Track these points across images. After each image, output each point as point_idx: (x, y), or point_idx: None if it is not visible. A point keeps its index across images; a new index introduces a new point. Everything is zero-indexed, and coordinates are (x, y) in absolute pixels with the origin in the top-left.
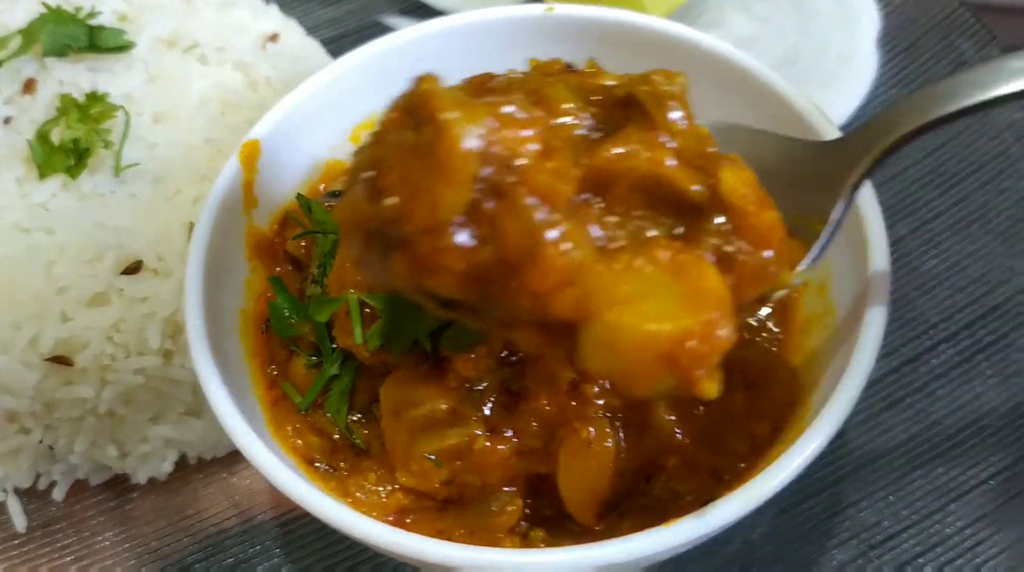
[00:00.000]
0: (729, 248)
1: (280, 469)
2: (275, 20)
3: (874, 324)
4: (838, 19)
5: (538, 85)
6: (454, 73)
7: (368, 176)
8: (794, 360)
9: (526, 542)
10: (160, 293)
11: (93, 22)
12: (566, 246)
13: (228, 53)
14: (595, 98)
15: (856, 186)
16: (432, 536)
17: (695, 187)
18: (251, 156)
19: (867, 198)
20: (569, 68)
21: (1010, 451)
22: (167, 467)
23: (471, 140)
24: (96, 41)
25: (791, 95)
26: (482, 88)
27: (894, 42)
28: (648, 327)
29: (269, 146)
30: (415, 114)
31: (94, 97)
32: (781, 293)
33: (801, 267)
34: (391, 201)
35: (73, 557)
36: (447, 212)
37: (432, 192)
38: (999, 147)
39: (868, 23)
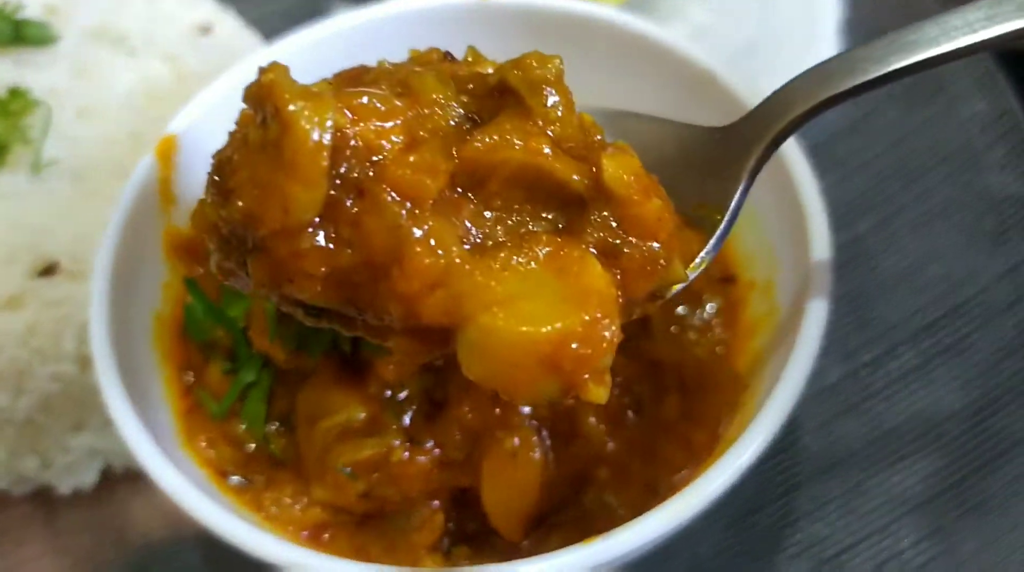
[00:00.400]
0: (614, 241)
1: (182, 486)
2: (209, 11)
3: (813, 323)
4: (799, 9)
5: (406, 75)
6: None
7: (216, 177)
8: (740, 364)
9: (448, 560)
10: (76, 296)
11: (21, 15)
12: (433, 245)
13: (157, 45)
14: (469, 87)
15: (754, 171)
16: (350, 553)
17: (575, 177)
18: (168, 152)
19: (810, 194)
20: (448, 57)
21: (968, 460)
22: (91, 477)
23: (320, 133)
24: (21, 34)
25: (743, 93)
26: (353, 81)
27: (856, 32)
28: (525, 330)
29: (189, 141)
30: (261, 108)
31: (16, 92)
32: (678, 287)
33: (698, 260)
34: (239, 204)
35: None
36: (300, 212)
37: (282, 191)
38: (963, 138)
39: (829, 13)
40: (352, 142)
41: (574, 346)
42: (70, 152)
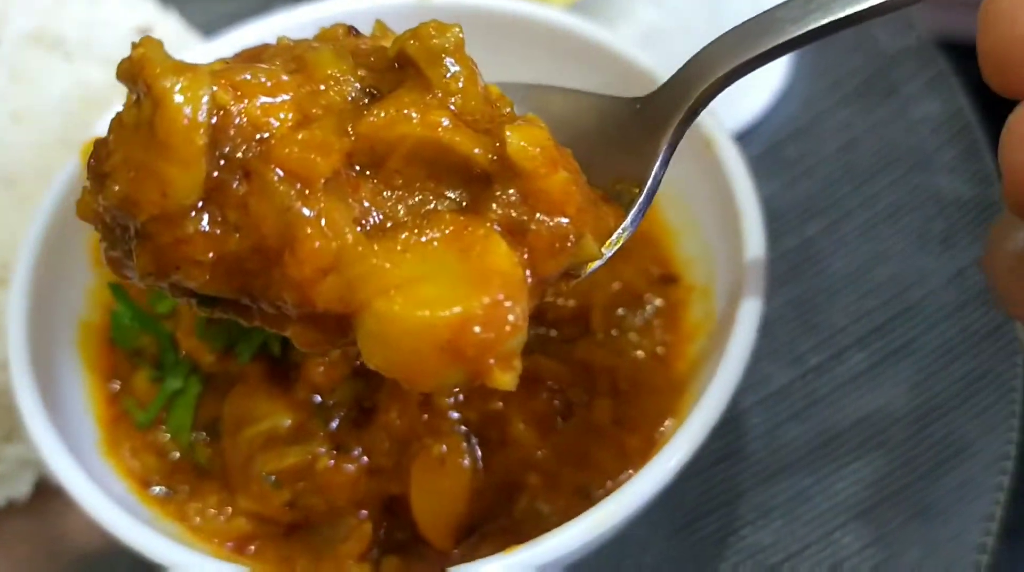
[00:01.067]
0: (520, 217)
1: (95, 497)
2: (150, 13)
3: (745, 327)
4: (748, 11)
5: (303, 51)
6: None
7: (92, 161)
8: (679, 369)
9: (378, 570)
10: (4, 304)
11: None
12: (325, 228)
13: (94, 48)
14: (370, 61)
15: (674, 141)
16: (276, 564)
17: (477, 151)
18: None
19: (745, 198)
20: (352, 31)
21: (912, 466)
22: (25, 488)
23: (195, 110)
24: None
25: None
26: (252, 59)
27: None
28: (421, 314)
29: None
30: (134, 85)
31: None
32: (593, 266)
33: (615, 235)
34: (114, 188)
35: None
36: (179, 196)
37: (158, 173)
38: (914, 141)
39: None
40: (236, 120)
41: (476, 330)
42: (2, 158)
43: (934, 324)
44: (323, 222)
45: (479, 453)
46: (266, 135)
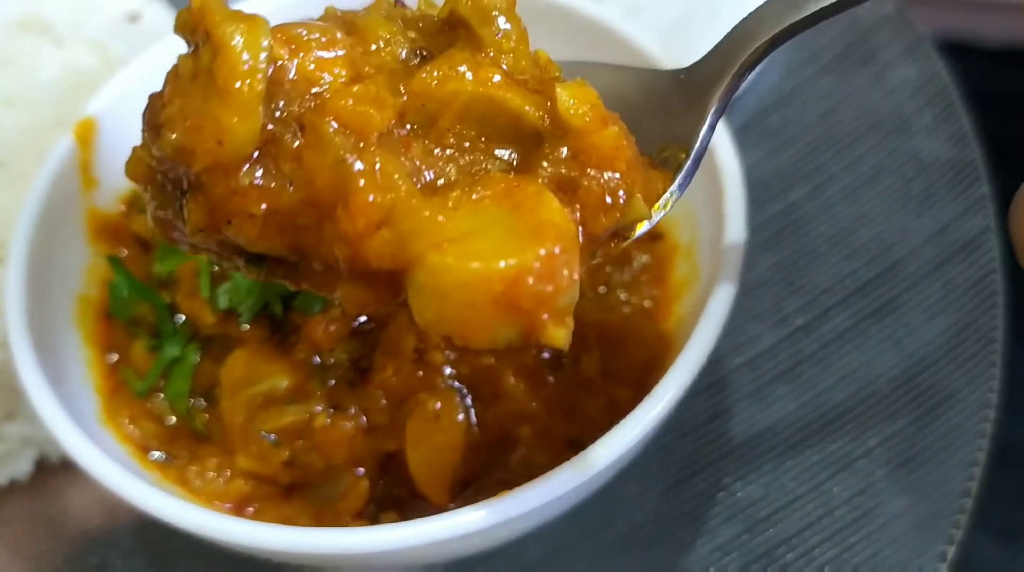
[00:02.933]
0: (571, 174)
1: (99, 460)
2: None
3: (726, 282)
4: None
5: (352, 16)
6: None
7: (148, 114)
8: (667, 325)
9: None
10: (1, 282)
11: None
12: (379, 181)
13: (83, 33)
14: (419, 25)
15: (722, 105)
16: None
17: (528, 108)
18: (86, 134)
19: (726, 157)
20: (399, 2)
21: (897, 417)
22: (26, 466)
23: (254, 57)
24: None
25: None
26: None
27: None
28: (475, 267)
29: (109, 123)
30: (193, 35)
31: None
32: (642, 227)
33: (664, 199)
34: (171, 137)
35: None
36: (236, 145)
37: (215, 120)
38: (892, 105)
39: None
40: (291, 74)
41: (531, 282)
42: None
43: (916, 281)
44: (377, 175)
45: (473, 409)
46: (320, 89)
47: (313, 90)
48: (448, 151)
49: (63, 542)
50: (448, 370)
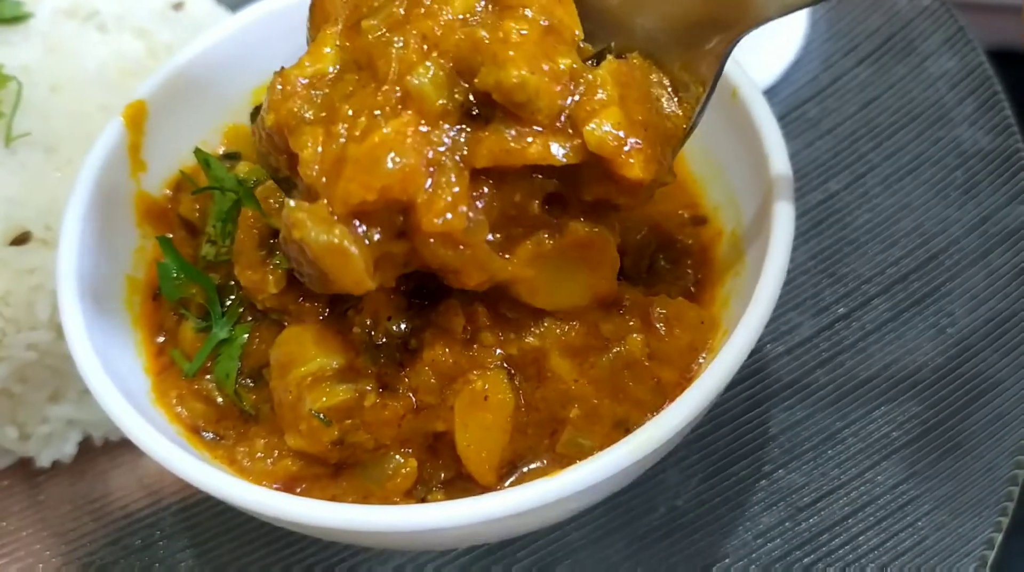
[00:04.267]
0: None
1: (156, 438)
2: None
3: (775, 265)
4: None
5: (405, 68)
6: None
7: None
8: (713, 309)
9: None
10: (49, 264)
11: None
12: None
13: (129, 20)
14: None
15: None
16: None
17: (565, 155)
18: (137, 118)
19: (772, 142)
20: None
21: (942, 405)
22: (70, 449)
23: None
24: None
25: None
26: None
27: None
28: None
29: (159, 107)
30: None
31: None
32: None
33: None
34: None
35: None
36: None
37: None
38: (934, 96)
39: None
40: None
41: None
42: (42, 126)
43: (959, 271)
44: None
45: (521, 390)
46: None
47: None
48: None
49: (106, 523)
50: (497, 351)
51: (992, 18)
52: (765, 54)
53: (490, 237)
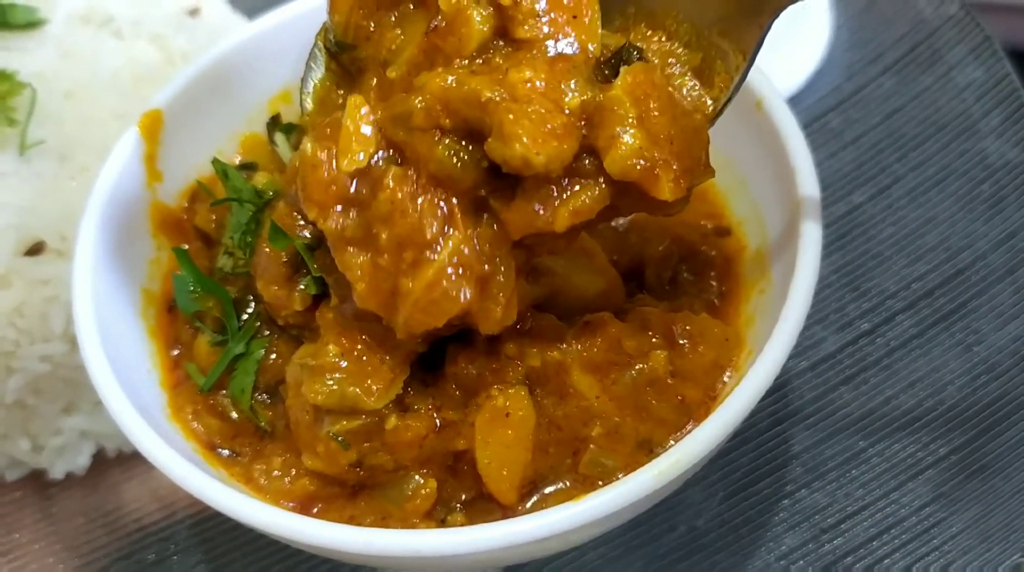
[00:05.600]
0: None
1: (169, 454)
2: None
3: (803, 283)
4: None
5: (426, 148)
6: None
7: None
8: (735, 326)
9: (444, 527)
10: (63, 275)
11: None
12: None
13: (143, 27)
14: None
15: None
16: (342, 523)
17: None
18: (153, 128)
19: (799, 155)
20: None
21: (969, 425)
22: (84, 461)
23: None
24: (7, 18)
25: None
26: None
27: (850, 1)
28: None
29: (174, 117)
30: None
31: (2, 75)
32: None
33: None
34: None
35: None
36: None
37: None
38: (960, 107)
39: None
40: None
41: None
42: (56, 133)
43: (986, 287)
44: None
45: (542, 407)
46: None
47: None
48: None
49: (119, 536)
50: (518, 364)
51: (1011, 18)
52: (788, 61)
53: None
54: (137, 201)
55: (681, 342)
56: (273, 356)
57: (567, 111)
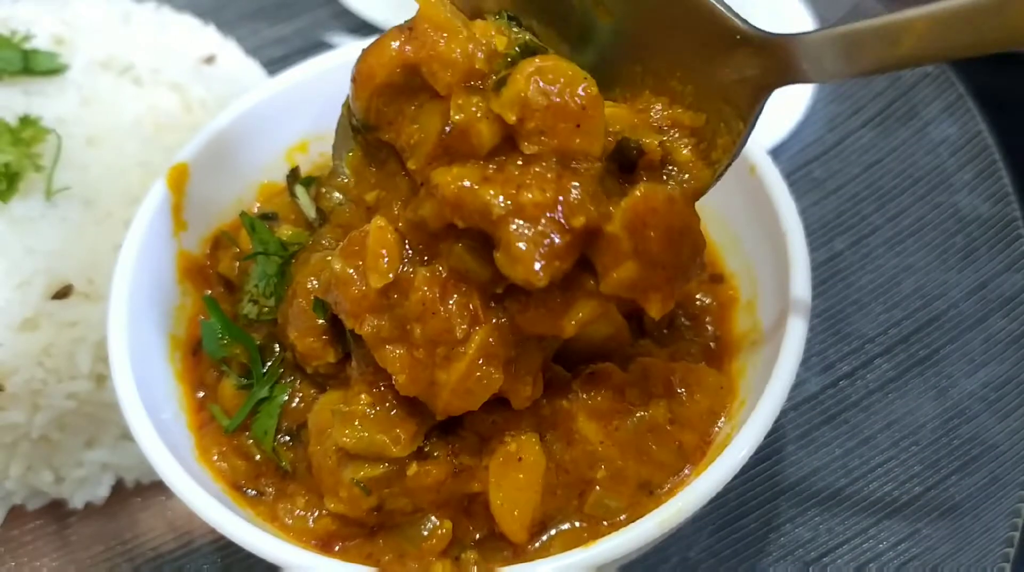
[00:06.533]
0: None
1: (200, 495)
2: (212, 41)
3: (794, 338)
4: None
5: (456, 261)
6: None
7: None
8: (729, 376)
9: (458, 564)
10: (90, 317)
11: (28, 45)
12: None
13: (163, 75)
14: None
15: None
16: (361, 561)
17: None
18: (179, 179)
19: (790, 220)
20: None
21: (941, 465)
22: (103, 491)
23: None
24: (30, 64)
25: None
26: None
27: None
28: None
29: (198, 169)
30: None
31: (27, 121)
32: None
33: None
34: None
35: None
36: None
37: None
38: (934, 162)
39: None
40: None
41: None
42: (80, 179)
43: (958, 334)
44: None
45: (552, 452)
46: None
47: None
48: None
49: (137, 564)
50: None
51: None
52: (774, 112)
53: None
54: (165, 250)
55: (679, 391)
56: (296, 401)
57: (570, 230)
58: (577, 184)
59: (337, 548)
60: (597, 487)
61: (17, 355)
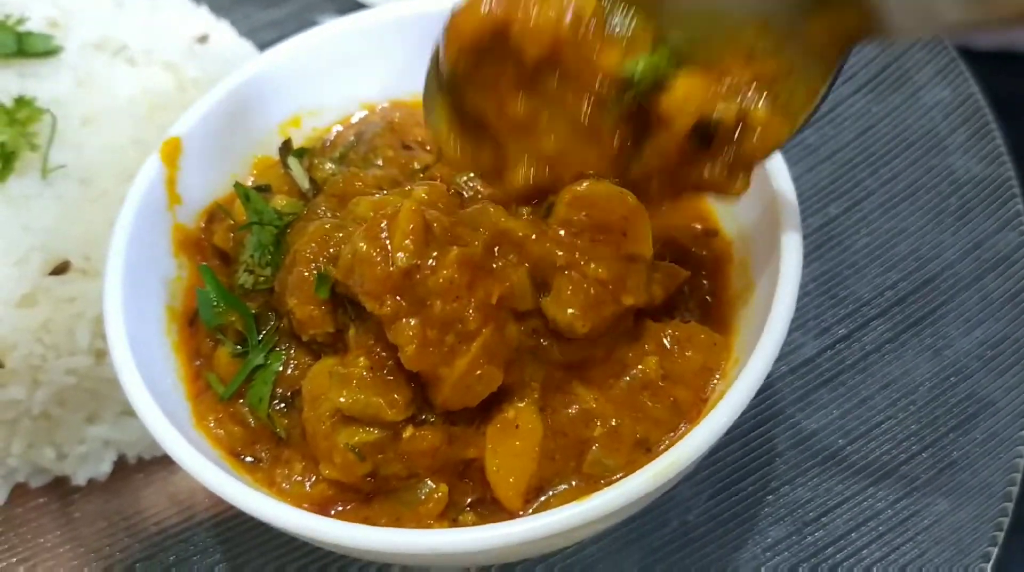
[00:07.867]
0: None
1: (200, 461)
2: (205, 21)
3: (786, 293)
4: None
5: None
6: (382, 66)
7: None
8: (722, 333)
9: (455, 526)
10: (88, 293)
11: (22, 27)
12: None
13: (156, 55)
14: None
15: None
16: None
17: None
18: (172, 154)
19: (782, 180)
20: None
21: (939, 423)
22: (106, 467)
23: None
24: (24, 46)
25: None
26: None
27: None
28: None
29: (192, 143)
30: None
31: (22, 102)
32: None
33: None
34: None
35: (16, 559)
36: None
37: None
38: (927, 126)
39: None
40: None
41: None
42: (76, 158)
43: (954, 295)
44: None
45: (549, 419)
46: None
47: None
48: None
49: (140, 539)
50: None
51: None
52: None
53: None
54: (159, 223)
55: (671, 347)
56: (291, 368)
57: (621, 304)
58: (634, 269)
59: (334, 512)
60: (595, 446)
61: (16, 330)
